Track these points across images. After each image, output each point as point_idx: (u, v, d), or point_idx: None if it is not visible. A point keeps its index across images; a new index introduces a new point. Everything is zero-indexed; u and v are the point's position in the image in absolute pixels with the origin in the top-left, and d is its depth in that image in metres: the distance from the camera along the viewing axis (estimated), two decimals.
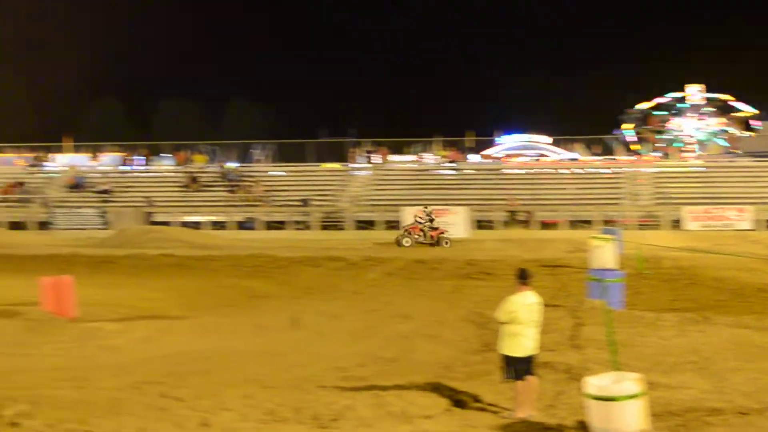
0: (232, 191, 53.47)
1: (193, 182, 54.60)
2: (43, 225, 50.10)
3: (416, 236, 40.14)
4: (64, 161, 61.21)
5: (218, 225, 49.51)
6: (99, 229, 47.79)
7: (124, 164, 59.89)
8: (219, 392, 12.52)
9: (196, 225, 48.88)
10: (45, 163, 60.96)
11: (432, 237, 40.06)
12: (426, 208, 41.72)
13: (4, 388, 12.98)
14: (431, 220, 40.66)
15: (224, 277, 28.42)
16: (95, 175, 56.99)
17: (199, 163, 59.10)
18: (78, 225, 49.41)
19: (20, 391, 12.77)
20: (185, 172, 56.56)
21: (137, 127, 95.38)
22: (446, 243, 39.93)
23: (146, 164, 60.53)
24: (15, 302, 21.27)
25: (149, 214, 49.69)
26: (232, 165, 59.95)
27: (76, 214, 50.78)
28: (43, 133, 75.16)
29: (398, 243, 39.91)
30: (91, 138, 70.27)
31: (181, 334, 18.81)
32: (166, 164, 61.53)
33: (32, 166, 60.12)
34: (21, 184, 55.54)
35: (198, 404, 11.89)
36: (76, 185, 55.09)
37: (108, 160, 61.01)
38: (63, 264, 30.69)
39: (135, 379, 13.61)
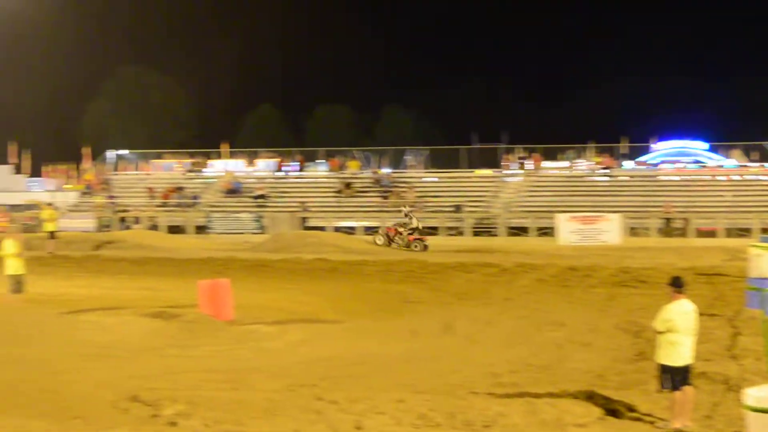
0: (385, 197, 53.74)
1: (346, 188, 55.12)
2: (201, 229, 51.23)
3: (389, 236, 41.17)
4: (221, 167, 62.41)
5: (371, 230, 49.80)
6: (254, 233, 48.63)
7: (279, 170, 60.78)
8: (372, 396, 12.62)
9: (349, 230, 49.35)
10: (203, 169, 62.34)
11: (409, 240, 40.54)
12: (405, 207, 43.53)
13: (164, 388, 13.34)
14: (406, 223, 41.36)
15: (377, 282, 28.61)
16: (251, 181, 58.00)
17: (353, 168, 59.60)
18: (234, 229, 50.36)
19: (179, 391, 13.11)
20: (339, 178, 57.16)
21: (292, 134, 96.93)
22: (416, 247, 40.11)
23: (301, 170, 61.34)
24: (174, 304, 21.84)
25: (304, 219, 50.37)
26: (385, 171, 60.34)
27: (232, 219, 51.81)
28: (202, 139, 77.07)
29: (389, 239, 41.07)
30: (247, 144, 71.61)
31: (335, 337, 19.01)
32: (320, 170, 62.26)
33: (191, 171, 61.56)
34: (180, 188, 56.94)
35: (352, 407, 12.01)
36: (233, 190, 56.21)
37: (263, 165, 61.95)
38: (220, 267, 31.47)
39: (290, 381, 13.81)
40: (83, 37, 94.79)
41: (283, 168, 60.99)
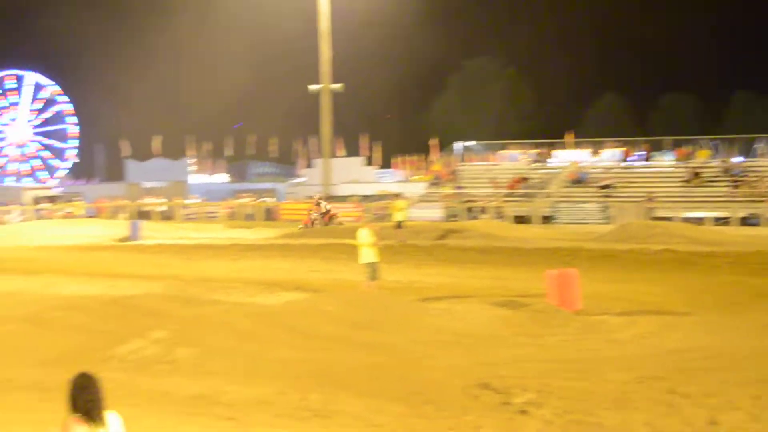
0: (735, 186, 52.00)
1: (694, 177, 53.72)
2: (546, 219, 51.39)
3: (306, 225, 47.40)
4: (565, 157, 62.38)
5: (721, 221, 48.27)
6: (600, 223, 48.27)
7: (624, 160, 60.04)
8: (727, 391, 12.22)
9: (698, 220, 48.02)
10: (548, 159, 62.52)
11: (325, 221, 47.33)
12: (315, 196, 50.73)
13: (514, 376, 13.50)
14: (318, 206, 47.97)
15: (727, 274, 27.58)
16: (596, 171, 57.64)
17: (702, 158, 58.01)
18: (580, 219, 50.22)
19: (528, 379, 13.22)
20: (686, 167, 55.78)
21: (637, 123, 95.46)
22: (336, 222, 47.05)
23: (647, 159, 60.33)
24: (522, 293, 22.10)
25: (650, 209, 49.47)
26: (735, 160, 58.34)
27: (578, 209, 51.65)
28: (546, 129, 77.26)
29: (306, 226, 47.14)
30: (591, 134, 71.21)
31: (685, 330, 18.49)
32: (666, 159, 60.97)
33: (535, 162, 61.90)
34: (525, 179, 57.40)
35: (705, 402, 11.69)
36: (578, 180, 56.07)
37: (608, 155, 61.42)
38: (566, 257, 31.38)
39: (640, 373, 13.59)
40: (431, 31, 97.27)
41: (628, 158, 60.20)
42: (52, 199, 72.10)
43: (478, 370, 13.93)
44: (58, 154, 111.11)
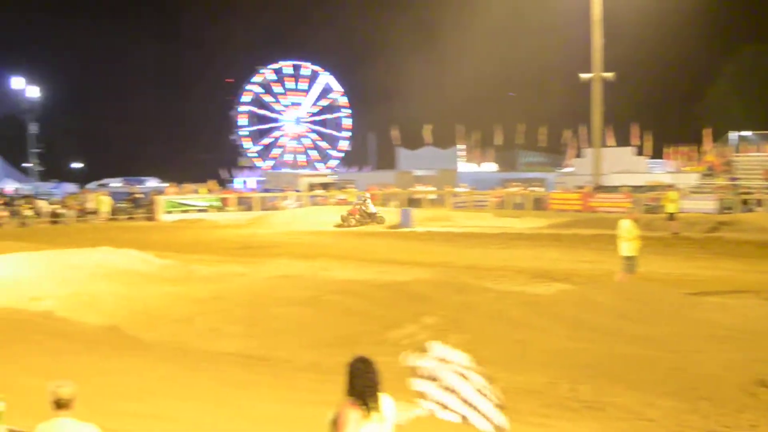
0: None
1: None
2: None
3: (357, 217, 48.31)
4: None
5: None
6: None
7: None
8: None
9: None
10: None
11: (370, 216, 48.45)
12: (360, 196, 53.61)
13: None
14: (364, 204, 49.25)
15: None
16: None
17: None
18: None
19: None
20: None
21: None
22: (379, 220, 48.19)
23: None
24: None
25: None
26: None
27: None
28: None
29: (344, 221, 48.05)
30: None
31: None
32: None
33: None
34: None
35: None
36: None
37: None
38: None
39: None
40: (706, 16, 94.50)
41: None
42: (325, 186, 74.27)
43: (755, 367, 13.55)
44: (332, 144, 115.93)
